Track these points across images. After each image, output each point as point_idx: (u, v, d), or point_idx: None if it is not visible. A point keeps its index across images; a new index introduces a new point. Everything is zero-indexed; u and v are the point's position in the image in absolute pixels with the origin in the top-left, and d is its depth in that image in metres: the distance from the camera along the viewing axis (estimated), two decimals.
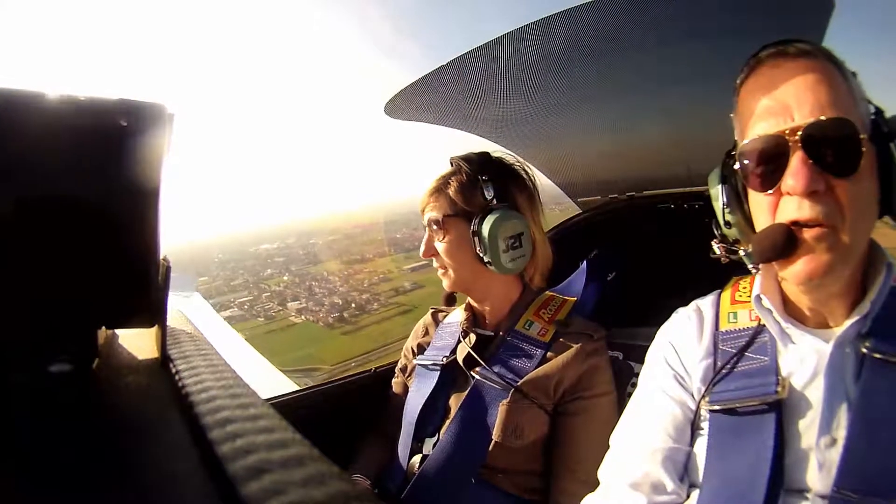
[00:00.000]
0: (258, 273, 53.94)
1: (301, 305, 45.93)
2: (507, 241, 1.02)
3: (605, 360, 1.03)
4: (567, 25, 1.02)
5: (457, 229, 1.06)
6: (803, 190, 0.58)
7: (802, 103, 0.60)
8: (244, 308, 46.96)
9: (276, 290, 49.87)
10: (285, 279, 52.72)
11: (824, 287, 0.64)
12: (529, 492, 0.98)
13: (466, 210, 1.05)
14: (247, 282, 51.79)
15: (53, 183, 0.29)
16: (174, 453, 0.26)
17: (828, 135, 0.58)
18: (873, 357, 0.61)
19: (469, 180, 1.06)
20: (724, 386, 0.70)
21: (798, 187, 0.59)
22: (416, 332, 1.29)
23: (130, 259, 0.32)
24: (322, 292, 47.86)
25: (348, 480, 0.20)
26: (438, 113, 1.44)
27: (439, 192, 1.08)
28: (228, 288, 50.53)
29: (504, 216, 1.02)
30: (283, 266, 55.71)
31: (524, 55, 1.13)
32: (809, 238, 0.60)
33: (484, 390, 1.01)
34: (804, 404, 0.64)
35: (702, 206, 1.39)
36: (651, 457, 0.72)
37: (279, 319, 45.05)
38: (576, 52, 1.13)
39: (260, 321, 45.08)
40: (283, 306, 46.95)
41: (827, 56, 0.63)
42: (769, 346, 0.69)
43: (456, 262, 1.07)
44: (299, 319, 44.52)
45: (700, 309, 0.80)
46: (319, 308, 45.08)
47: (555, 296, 1.14)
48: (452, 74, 1.20)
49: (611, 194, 1.65)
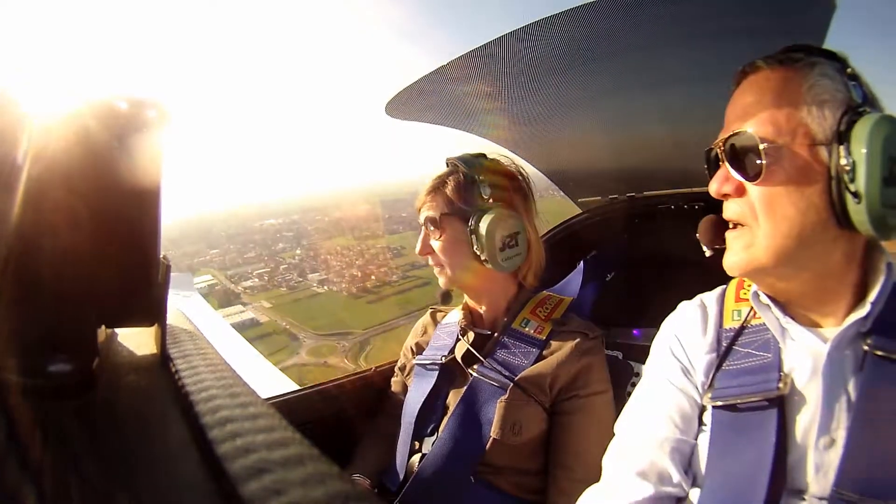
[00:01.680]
0: (269, 246, 55.39)
1: (323, 277, 47.73)
2: (504, 239, 1.03)
3: (600, 358, 1.04)
4: (567, 26, 1.02)
5: (453, 227, 1.07)
6: (714, 192, 0.69)
7: (732, 117, 0.68)
8: (264, 279, 48.66)
9: (293, 263, 51.53)
10: (298, 252, 54.51)
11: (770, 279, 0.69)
12: (527, 491, 0.99)
13: (463, 209, 1.06)
14: (260, 254, 53.67)
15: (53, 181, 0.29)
16: (174, 453, 0.26)
17: (734, 145, 0.66)
18: (875, 355, 0.61)
19: (466, 180, 1.07)
20: (726, 382, 0.70)
21: (711, 190, 0.69)
22: (416, 332, 1.29)
23: (130, 258, 0.32)
24: (339, 265, 49.39)
25: (348, 480, 0.20)
26: (438, 113, 1.44)
27: (436, 191, 1.09)
28: (243, 260, 52.40)
29: (501, 215, 1.03)
30: (294, 240, 57.27)
31: (524, 55, 1.13)
32: (728, 235, 0.69)
33: (482, 387, 1.01)
34: (804, 402, 0.64)
35: (702, 206, 1.39)
36: (658, 446, 0.72)
37: (301, 289, 46.88)
38: (576, 52, 1.13)
39: (283, 290, 46.92)
40: (304, 277, 48.61)
41: (793, 61, 0.64)
42: (772, 343, 0.69)
43: (452, 259, 1.08)
44: (322, 290, 46.46)
45: (704, 304, 0.81)
46: (341, 279, 46.95)
47: (551, 295, 1.15)
48: (452, 74, 1.20)
49: (611, 195, 1.65)
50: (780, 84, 0.64)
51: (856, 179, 0.58)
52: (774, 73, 0.65)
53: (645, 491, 0.70)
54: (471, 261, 1.06)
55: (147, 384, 0.35)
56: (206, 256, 54.58)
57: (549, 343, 1.03)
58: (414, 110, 1.41)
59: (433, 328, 1.25)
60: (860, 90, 0.63)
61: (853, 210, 0.59)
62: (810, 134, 0.61)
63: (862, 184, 0.58)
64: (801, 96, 0.62)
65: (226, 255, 53.16)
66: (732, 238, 0.68)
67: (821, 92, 0.62)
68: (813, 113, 0.62)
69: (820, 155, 0.61)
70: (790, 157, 0.62)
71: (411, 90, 1.27)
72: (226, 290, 47.11)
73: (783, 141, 0.62)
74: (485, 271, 1.06)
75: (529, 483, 0.99)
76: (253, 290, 47.60)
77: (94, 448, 0.26)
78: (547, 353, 1.02)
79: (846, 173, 0.59)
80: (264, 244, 55.79)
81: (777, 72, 0.65)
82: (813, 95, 0.62)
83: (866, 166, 0.58)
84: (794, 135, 0.62)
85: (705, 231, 0.73)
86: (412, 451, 1.07)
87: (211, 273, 49.50)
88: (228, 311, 42.56)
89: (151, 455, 0.26)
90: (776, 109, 0.63)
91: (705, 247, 0.74)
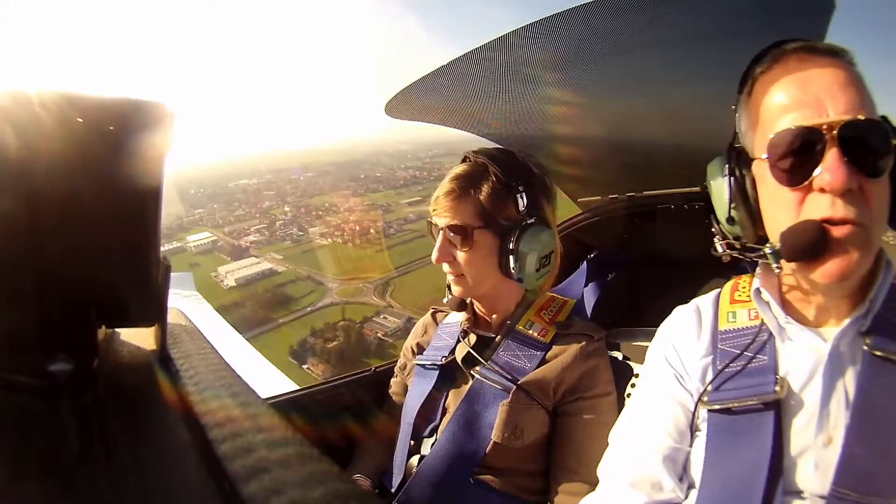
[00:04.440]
0: (255, 204, 57.41)
1: (324, 230, 50.26)
2: (541, 260, 0.99)
3: (605, 360, 1.03)
4: (567, 26, 1.02)
5: (485, 241, 0.99)
6: (841, 187, 0.57)
7: (837, 100, 0.59)
8: (264, 234, 51.02)
9: (286, 219, 53.57)
10: (287, 210, 56.55)
11: (845, 286, 0.64)
12: (528, 492, 0.98)
13: (498, 222, 0.99)
14: (250, 212, 55.71)
15: (54, 182, 0.29)
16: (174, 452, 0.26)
17: (863, 135, 0.57)
18: (873, 354, 0.61)
19: (503, 187, 0.99)
20: (723, 386, 0.70)
21: (836, 184, 0.57)
22: (416, 332, 1.29)
23: (130, 258, 0.32)
24: (335, 220, 51.82)
25: (348, 480, 0.20)
26: (437, 113, 1.44)
27: (464, 195, 0.99)
28: (234, 218, 54.40)
29: (541, 234, 0.98)
30: (278, 198, 59.33)
31: (524, 55, 1.12)
32: (842, 236, 0.58)
33: (483, 390, 1.00)
34: (802, 404, 0.64)
35: (702, 206, 1.39)
36: (651, 456, 0.72)
37: (305, 242, 49.62)
38: (576, 52, 1.13)
39: (287, 244, 49.61)
40: (304, 231, 50.97)
41: (850, 60, 0.63)
42: (768, 346, 0.69)
43: (478, 272, 1.02)
44: (326, 242, 49.44)
45: (699, 308, 0.80)
46: (342, 233, 49.65)
47: (555, 297, 1.14)
48: (452, 74, 1.20)
49: (611, 194, 1.65)
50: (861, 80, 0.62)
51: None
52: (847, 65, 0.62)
53: (638, 500, 0.70)
54: (496, 274, 1.01)
55: (147, 384, 0.35)
56: (193, 216, 56.55)
57: (553, 346, 1.02)
58: (413, 110, 1.41)
59: (434, 328, 1.24)
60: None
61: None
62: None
63: None
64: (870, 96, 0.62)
65: (215, 214, 55.07)
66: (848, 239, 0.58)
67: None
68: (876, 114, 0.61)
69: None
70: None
71: (411, 90, 1.27)
72: (232, 245, 49.04)
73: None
74: (504, 282, 1.03)
75: (530, 484, 0.99)
76: (258, 244, 49.99)
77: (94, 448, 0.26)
78: (551, 356, 1.01)
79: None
80: (249, 202, 57.64)
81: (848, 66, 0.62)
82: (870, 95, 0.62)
83: None
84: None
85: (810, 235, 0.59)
86: (411, 451, 1.07)
87: (207, 230, 51.04)
88: (244, 262, 45.16)
89: (151, 455, 0.26)
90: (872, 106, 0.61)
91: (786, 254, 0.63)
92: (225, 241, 49.80)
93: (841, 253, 0.59)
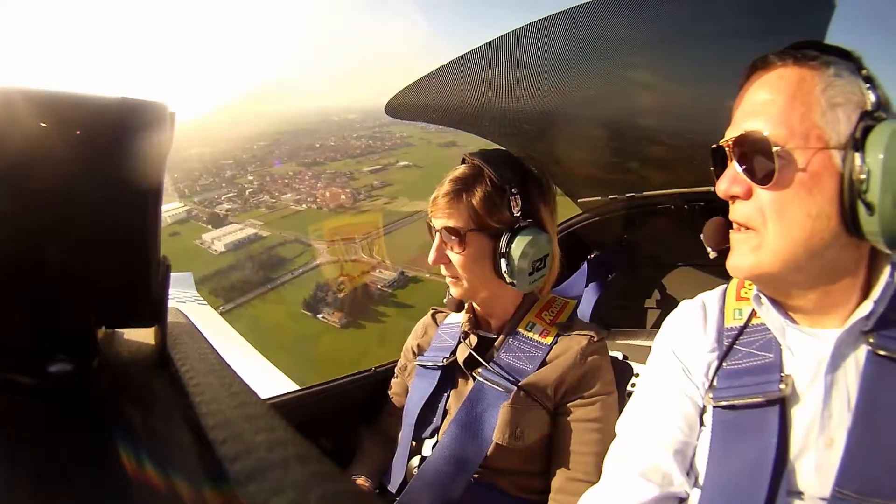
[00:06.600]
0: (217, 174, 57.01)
1: (297, 197, 50.85)
2: (535, 263, 0.99)
3: (606, 360, 1.03)
4: (568, 25, 1.02)
5: (478, 244, 0.99)
6: (721, 193, 0.67)
7: (743, 115, 0.66)
8: (237, 202, 51.20)
9: (256, 188, 53.77)
10: (251, 178, 56.62)
11: (775, 283, 0.68)
12: (529, 492, 0.98)
13: (492, 226, 0.99)
14: (214, 182, 55.22)
15: (54, 182, 0.29)
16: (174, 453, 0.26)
17: (745, 145, 0.64)
18: (877, 354, 0.61)
19: (496, 190, 0.98)
20: (728, 382, 0.70)
21: (719, 191, 0.67)
22: (416, 332, 1.28)
23: (130, 259, 0.32)
24: (304, 188, 52.46)
25: (348, 480, 0.20)
26: (437, 112, 1.44)
27: (458, 198, 0.99)
28: (200, 187, 53.95)
29: (534, 240, 0.97)
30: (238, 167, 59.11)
31: (524, 55, 1.12)
32: (734, 238, 0.68)
33: (485, 391, 1.00)
34: (806, 403, 0.64)
35: (702, 206, 1.39)
36: (661, 448, 0.72)
37: (280, 209, 49.99)
38: (577, 52, 1.13)
39: (263, 210, 49.81)
40: (277, 199, 51.21)
41: (808, 59, 0.62)
42: (774, 343, 0.69)
43: (473, 275, 1.02)
44: (301, 207, 49.91)
45: (705, 303, 0.80)
46: (314, 199, 50.29)
47: (556, 298, 1.13)
48: (452, 74, 1.20)
49: (611, 194, 1.65)
50: (794, 83, 0.61)
51: (870, 190, 0.57)
52: (788, 70, 0.62)
53: (650, 492, 0.70)
54: (491, 277, 1.01)
55: (147, 384, 0.35)
56: None
57: (555, 347, 1.02)
58: (413, 109, 1.41)
59: (434, 329, 1.24)
60: (875, 93, 0.61)
61: (865, 221, 0.58)
62: (823, 138, 0.60)
63: (876, 195, 0.56)
64: (816, 97, 0.60)
65: (177, 184, 54.03)
66: (739, 240, 0.67)
67: (835, 94, 0.60)
68: (827, 116, 0.60)
69: (833, 160, 0.59)
70: (803, 161, 0.60)
71: (410, 89, 1.27)
72: (210, 214, 49.05)
73: (795, 144, 0.60)
74: (501, 285, 1.02)
75: (531, 484, 0.99)
76: (233, 211, 50.32)
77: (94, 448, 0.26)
78: (552, 357, 1.01)
79: (860, 182, 0.57)
80: (210, 172, 56.97)
81: (791, 70, 0.63)
82: (827, 97, 0.60)
83: (882, 176, 0.56)
84: (808, 138, 0.60)
85: (711, 232, 0.72)
86: (412, 452, 1.07)
87: (176, 201, 50.85)
88: (228, 229, 45.26)
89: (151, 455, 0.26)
90: (790, 110, 0.61)
91: (710, 248, 0.72)
92: (199, 210, 49.71)
93: (735, 251, 0.68)
